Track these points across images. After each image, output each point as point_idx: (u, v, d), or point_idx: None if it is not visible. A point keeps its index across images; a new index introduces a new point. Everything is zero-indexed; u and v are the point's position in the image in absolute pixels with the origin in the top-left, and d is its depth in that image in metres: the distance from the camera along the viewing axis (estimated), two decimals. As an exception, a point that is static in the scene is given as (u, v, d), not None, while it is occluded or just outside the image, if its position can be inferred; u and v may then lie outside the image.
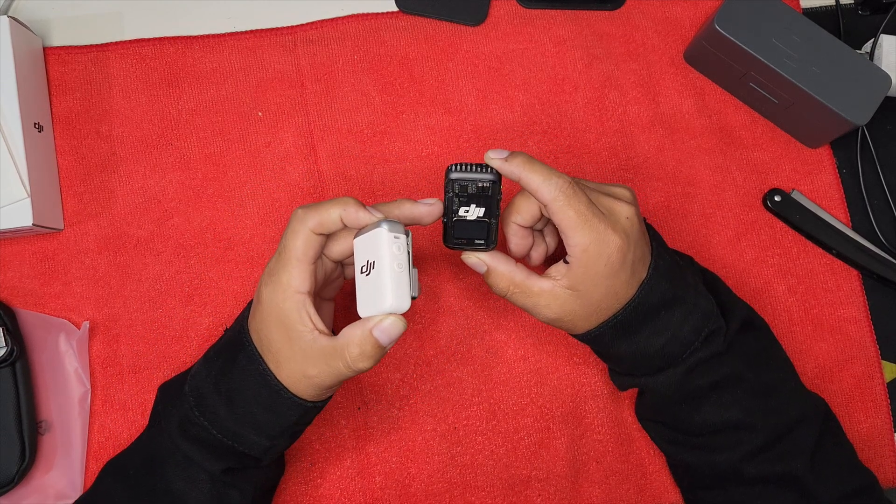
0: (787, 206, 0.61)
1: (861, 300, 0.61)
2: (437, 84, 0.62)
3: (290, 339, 0.43)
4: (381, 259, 0.42)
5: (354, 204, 0.43)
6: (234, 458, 0.46)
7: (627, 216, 0.45)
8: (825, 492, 0.48)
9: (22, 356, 0.54)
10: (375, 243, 0.43)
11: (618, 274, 0.45)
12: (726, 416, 0.48)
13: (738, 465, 0.48)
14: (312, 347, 0.43)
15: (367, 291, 0.43)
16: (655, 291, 0.46)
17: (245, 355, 0.45)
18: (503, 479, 0.56)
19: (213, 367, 0.47)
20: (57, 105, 0.60)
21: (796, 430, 0.48)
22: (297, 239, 0.43)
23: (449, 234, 0.47)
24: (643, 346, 0.47)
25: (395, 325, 0.42)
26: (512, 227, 0.48)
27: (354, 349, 0.42)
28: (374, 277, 0.43)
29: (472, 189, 0.46)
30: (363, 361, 0.43)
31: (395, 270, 0.42)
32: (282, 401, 0.45)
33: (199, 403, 0.46)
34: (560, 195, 0.44)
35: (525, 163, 0.45)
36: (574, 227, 0.44)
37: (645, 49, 0.64)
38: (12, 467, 0.53)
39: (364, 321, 0.43)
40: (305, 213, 0.43)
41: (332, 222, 0.43)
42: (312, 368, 0.43)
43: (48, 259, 0.58)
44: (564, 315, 0.47)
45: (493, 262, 0.47)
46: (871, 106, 0.57)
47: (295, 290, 0.43)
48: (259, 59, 0.61)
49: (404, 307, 0.43)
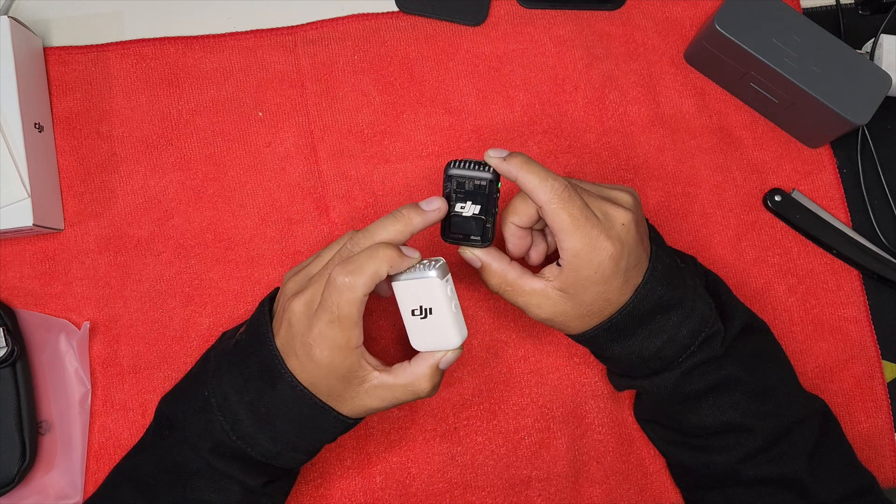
0: (788, 206, 0.61)
1: (861, 300, 0.61)
2: (438, 84, 0.62)
3: (352, 386, 0.45)
4: (440, 305, 0.45)
5: (397, 255, 0.43)
6: (270, 473, 0.47)
7: (623, 222, 0.45)
8: (824, 493, 0.47)
9: (22, 356, 0.54)
10: (429, 291, 0.44)
11: (609, 280, 0.45)
12: (724, 419, 0.48)
13: (737, 467, 0.48)
14: (377, 387, 0.45)
15: (426, 331, 0.46)
16: (651, 296, 0.46)
17: (285, 384, 0.45)
18: (503, 479, 0.56)
19: (244, 390, 0.46)
20: (57, 105, 0.60)
21: (794, 432, 0.48)
22: (353, 308, 0.42)
23: (445, 228, 0.48)
24: (638, 348, 0.48)
25: (457, 353, 0.46)
26: (510, 228, 0.48)
27: (426, 384, 0.46)
28: (435, 320, 0.45)
29: (469, 186, 0.46)
30: (434, 392, 0.47)
31: (453, 311, 0.45)
32: (327, 419, 0.46)
33: (235, 428, 0.45)
34: (554, 198, 0.44)
35: (523, 164, 0.45)
36: (566, 231, 0.44)
37: (645, 49, 0.64)
38: (13, 467, 0.53)
39: (427, 357, 0.46)
40: (354, 280, 0.42)
41: (380, 280, 0.43)
42: (377, 403, 0.46)
43: (48, 259, 0.58)
44: (556, 316, 0.47)
45: (488, 259, 0.48)
46: (871, 106, 0.57)
47: (355, 348, 0.44)
48: (259, 59, 0.61)
49: (466, 336, 0.46)
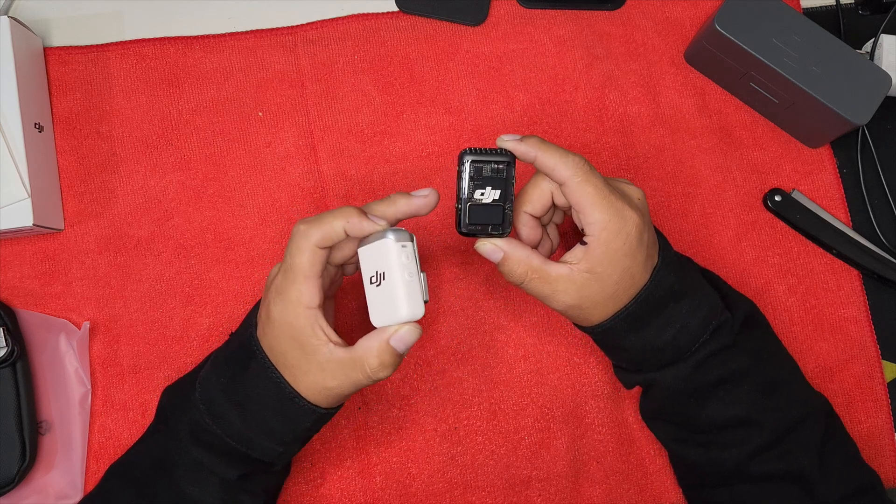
0: (788, 206, 0.61)
1: (861, 300, 0.61)
2: (438, 84, 0.62)
3: (305, 354, 0.43)
4: (391, 269, 0.42)
5: (357, 214, 0.43)
6: (246, 464, 0.47)
7: (639, 197, 0.47)
8: (830, 490, 0.47)
9: (22, 356, 0.54)
10: (383, 254, 0.43)
11: (635, 254, 0.45)
12: (732, 413, 0.48)
13: (745, 463, 0.48)
14: (330, 360, 0.43)
15: (380, 302, 0.43)
16: (664, 283, 0.46)
17: (257, 363, 0.45)
18: (504, 479, 0.56)
19: (223, 374, 0.46)
20: (57, 105, 0.60)
21: (801, 428, 0.48)
22: (302, 256, 0.43)
23: (462, 219, 0.46)
24: (653, 338, 0.47)
25: (411, 332, 0.43)
26: (523, 217, 0.48)
27: (374, 360, 0.43)
28: (386, 288, 0.43)
29: (487, 171, 0.45)
30: (383, 371, 0.43)
31: (406, 279, 0.42)
32: (296, 408, 0.45)
33: (210, 410, 0.46)
34: (578, 172, 0.44)
35: (539, 143, 0.45)
36: (593, 204, 0.44)
37: (645, 49, 0.64)
38: (13, 467, 0.53)
39: (380, 332, 0.43)
40: (308, 228, 0.43)
41: (336, 235, 0.43)
42: (331, 381, 0.44)
43: (49, 259, 0.58)
44: (582, 301, 0.46)
45: (510, 247, 0.47)
46: (871, 106, 0.57)
47: (306, 307, 0.43)
48: (259, 59, 0.61)
49: (419, 314, 0.43)
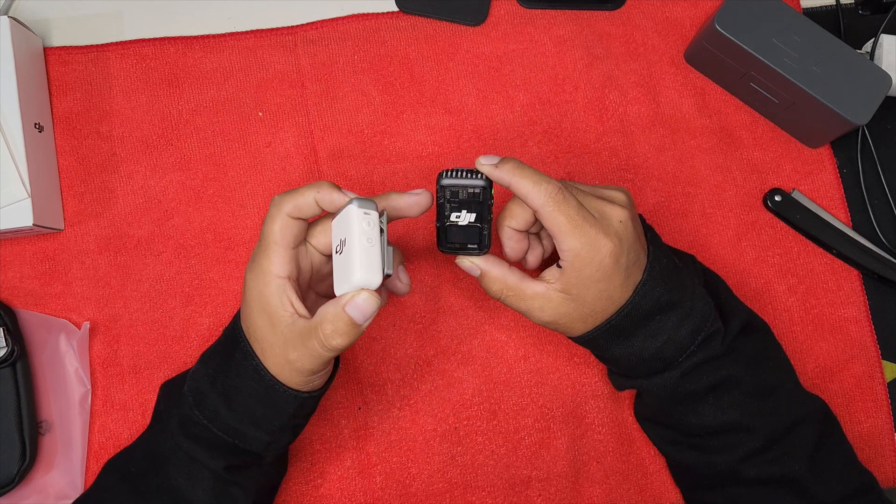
0: (788, 206, 0.61)
1: (861, 300, 0.61)
2: (438, 84, 0.62)
3: (272, 325, 0.43)
4: (351, 235, 0.41)
5: (328, 186, 0.43)
6: (235, 456, 0.47)
7: (621, 220, 0.45)
8: (824, 493, 0.47)
9: (22, 356, 0.54)
10: (346, 221, 0.42)
11: (611, 278, 0.45)
12: (724, 419, 0.48)
13: (737, 467, 0.48)
14: (292, 330, 0.43)
15: (341, 269, 0.43)
16: (650, 296, 0.46)
17: (240, 351, 0.45)
18: (504, 479, 0.56)
19: (210, 366, 0.47)
20: (57, 105, 0.60)
21: (795, 432, 0.48)
22: (274, 224, 0.43)
23: (442, 238, 0.48)
24: (638, 349, 0.48)
25: (367, 301, 0.41)
26: (507, 231, 0.48)
27: (328, 327, 0.41)
28: (346, 255, 0.42)
29: (462, 195, 0.46)
30: (336, 338, 0.41)
31: (364, 245, 0.41)
32: (277, 395, 0.45)
33: (198, 402, 0.46)
34: (549, 201, 0.43)
35: (514, 169, 0.44)
36: (565, 233, 0.44)
37: (645, 49, 0.64)
38: (13, 467, 0.53)
39: (337, 299, 0.42)
40: (281, 198, 0.44)
41: (307, 205, 0.43)
42: (293, 352, 0.43)
43: (49, 259, 0.58)
44: (559, 318, 0.47)
45: (487, 265, 0.48)
46: (871, 106, 0.57)
47: (275, 275, 0.43)
48: (259, 59, 0.61)
49: (375, 282, 0.41)
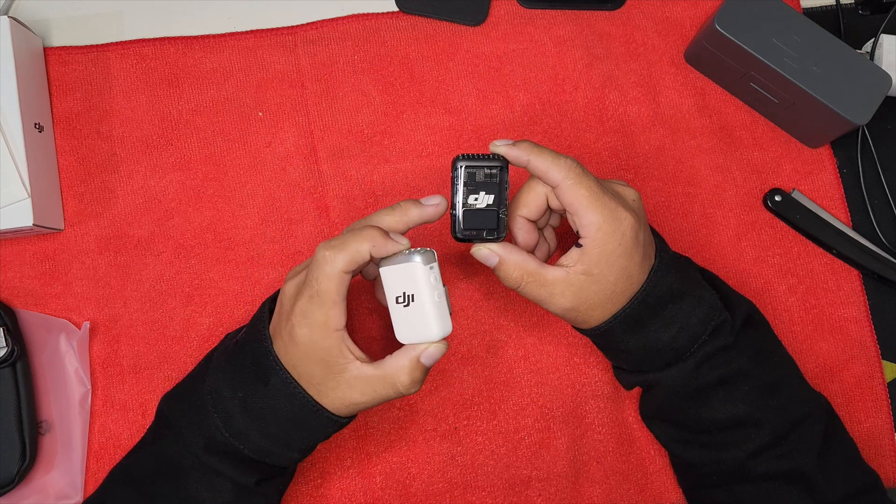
0: (788, 206, 0.61)
1: (861, 300, 0.61)
2: (438, 84, 0.62)
3: (332, 373, 0.44)
4: (421, 292, 0.43)
5: (381, 236, 0.43)
6: (263, 471, 0.47)
7: (634, 198, 0.47)
8: (830, 489, 0.47)
9: (22, 356, 0.54)
10: (411, 276, 0.44)
11: (631, 254, 0.45)
12: (733, 413, 0.48)
13: (746, 463, 0.48)
14: (358, 378, 0.44)
15: (409, 321, 0.44)
16: (663, 283, 0.46)
17: (278, 379, 0.45)
18: (504, 479, 0.56)
19: (239, 389, 0.46)
20: (57, 105, 0.60)
21: (802, 427, 0.48)
22: (330, 283, 0.43)
23: (457, 225, 0.47)
24: (652, 339, 0.47)
25: (439, 349, 0.45)
26: (518, 221, 0.48)
27: (405, 378, 0.44)
28: (416, 309, 0.44)
29: (480, 177, 0.46)
30: (414, 387, 0.45)
31: (436, 301, 0.44)
32: (319, 419, 0.45)
33: (227, 425, 0.46)
34: (570, 174, 0.44)
35: (531, 147, 0.45)
36: (587, 206, 0.44)
37: (645, 49, 0.64)
38: (13, 467, 0.53)
39: (408, 349, 0.44)
40: (334, 255, 0.43)
41: (362, 260, 0.43)
42: (360, 396, 0.45)
43: (49, 259, 0.58)
44: (580, 303, 0.46)
45: (505, 252, 0.47)
46: (871, 106, 0.57)
47: (334, 329, 0.43)
48: (259, 59, 0.61)
49: (449, 331, 0.45)
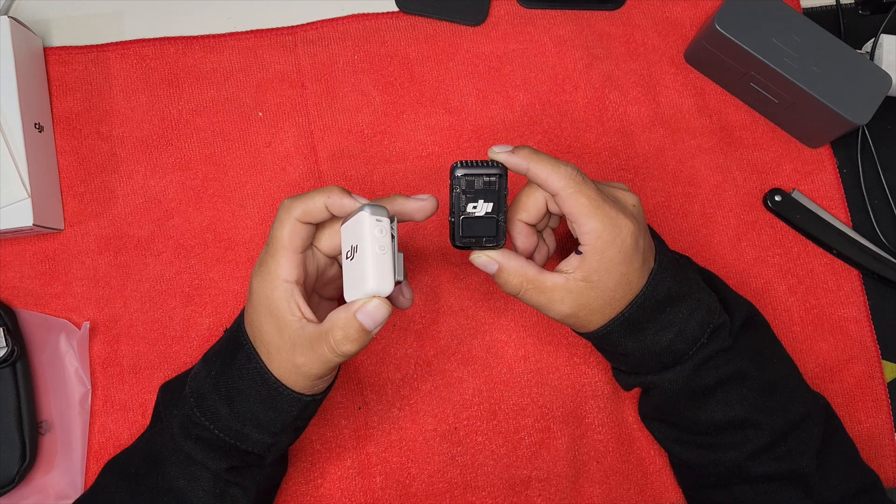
0: (788, 206, 0.61)
1: (861, 300, 0.61)
2: (438, 84, 0.62)
3: (279, 329, 0.43)
4: (364, 242, 0.41)
5: (339, 191, 0.43)
6: (236, 457, 0.47)
7: (633, 203, 0.47)
8: (830, 490, 0.47)
9: (22, 356, 0.54)
10: (358, 227, 0.42)
11: (631, 260, 0.45)
12: (732, 414, 0.48)
13: (744, 464, 0.48)
14: (300, 335, 0.43)
15: (352, 276, 0.43)
16: (661, 287, 0.46)
17: (243, 354, 0.45)
18: (504, 479, 0.56)
19: (212, 367, 0.47)
20: (57, 105, 0.60)
21: (801, 428, 0.48)
22: (283, 228, 0.43)
23: (456, 233, 0.46)
24: (651, 342, 0.47)
25: (378, 308, 0.42)
26: (518, 226, 0.48)
27: (338, 333, 0.42)
28: (358, 261, 0.42)
29: (478, 184, 0.45)
30: (347, 345, 0.42)
31: (377, 253, 0.41)
32: (281, 398, 0.45)
33: (199, 404, 0.46)
34: (570, 182, 0.44)
35: (531, 154, 0.45)
36: (587, 214, 0.44)
37: (645, 49, 0.64)
38: (13, 467, 0.53)
39: (348, 305, 0.42)
40: (291, 202, 0.44)
41: (317, 210, 0.43)
42: (300, 357, 0.43)
43: (49, 259, 0.58)
44: (579, 309, 0.46)
45: (504, 259, 0.47)
46: (871, 106, 0.57)
47: (283, 279, 0.43)
48: (259, 59, 0.61)
49: (387, 290, 0.42)
